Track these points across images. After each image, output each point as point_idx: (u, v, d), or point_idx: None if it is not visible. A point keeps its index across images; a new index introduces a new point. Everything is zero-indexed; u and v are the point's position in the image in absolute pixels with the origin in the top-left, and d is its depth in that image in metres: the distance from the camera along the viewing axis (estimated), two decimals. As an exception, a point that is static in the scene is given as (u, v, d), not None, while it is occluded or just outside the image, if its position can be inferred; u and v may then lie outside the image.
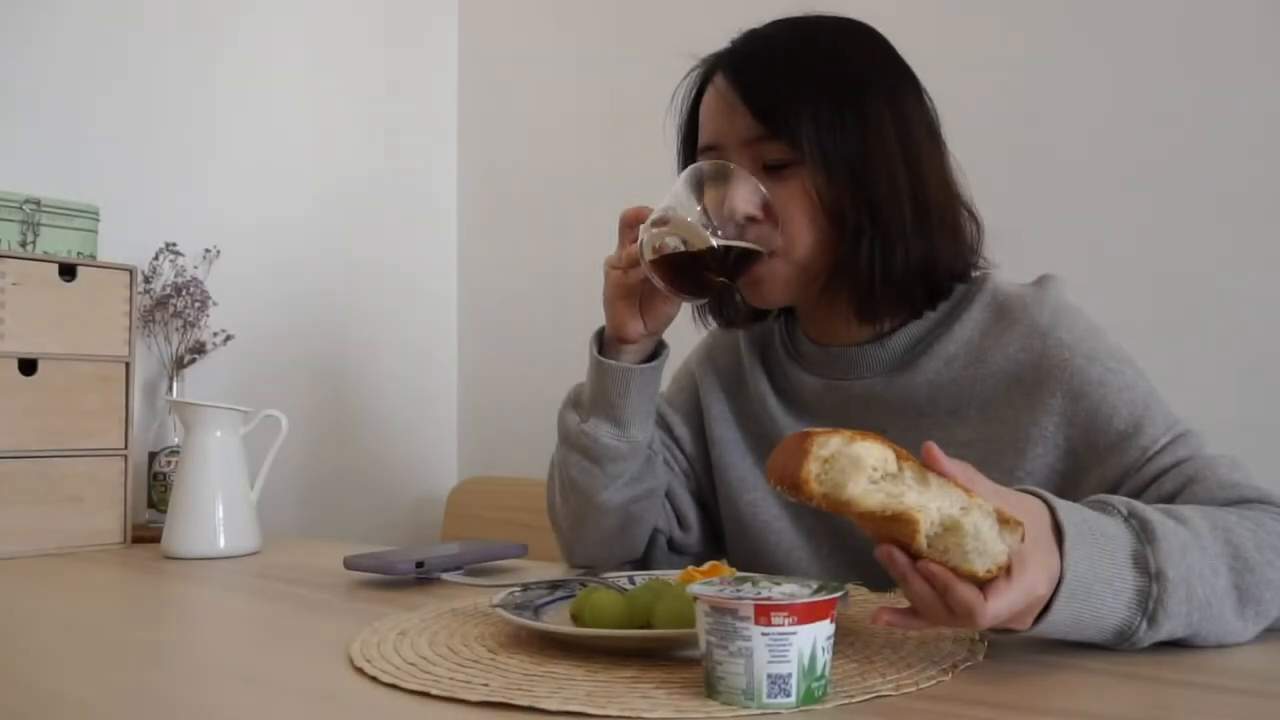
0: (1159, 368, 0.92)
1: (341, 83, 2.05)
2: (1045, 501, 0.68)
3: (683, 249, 0.88)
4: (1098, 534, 0.67)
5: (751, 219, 0.91)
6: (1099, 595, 0.66)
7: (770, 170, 0.92)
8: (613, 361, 0.99)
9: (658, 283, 0.90)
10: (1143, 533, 0.69)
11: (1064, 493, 0.75)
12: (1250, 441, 1.30)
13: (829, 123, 0.90)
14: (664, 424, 1.12)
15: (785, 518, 1.03)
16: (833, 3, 0.99)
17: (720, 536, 1.12)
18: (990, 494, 0.63)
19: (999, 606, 0.61)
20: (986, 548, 0.59)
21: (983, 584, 0.61)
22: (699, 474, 1.12)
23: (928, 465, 0.61)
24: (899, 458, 0.61)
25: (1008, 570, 0.61)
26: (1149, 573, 0.67)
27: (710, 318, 1.08)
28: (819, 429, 0.62)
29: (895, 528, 0.60)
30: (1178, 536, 0.69)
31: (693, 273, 0.90)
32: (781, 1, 1.02)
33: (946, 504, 0.60)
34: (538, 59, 2.17)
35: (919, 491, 0.60)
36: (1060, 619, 0.65)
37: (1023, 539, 0.60)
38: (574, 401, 1.05)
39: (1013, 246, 1.00)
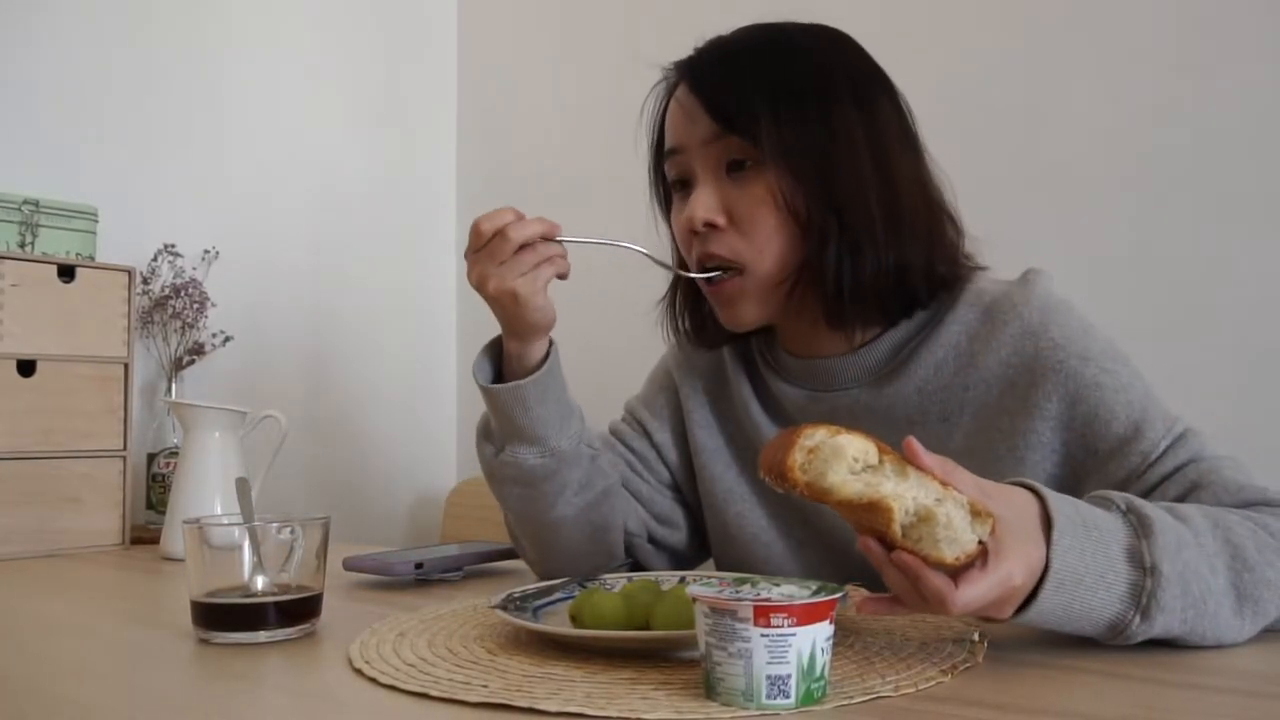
0: (1158, 369, 0.91)
1: (340, 84, 2.05)
2: (1037, 493, 0.67)
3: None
4: (1090, 526, 0.67)
5: (712, 225, 0.90)
6: (1090, 587, 0.66)
7: (733, 172, 0.91)
8: (500, 386, 0.93)
9: None
10: (1140, 527, 0.68)
11: None
12: (1251, 442, 1.30)
13: (790, 120, 0.88)
14: (643, 430, 1.10)
15: (773, 530, 1.01)
16: (839, 3, 0.99)
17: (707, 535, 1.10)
18: (970, 487, 0.63)
19: (969, 595, 0.62)
20: (957, 536, 0.61)
21: (957, 573, 0.62)
22: (681, 481, 1.09)
23: (908, 459, 0.63)
24: (881, 451, 0.62)
25: (983, 560, 0.62)
26: (1144, 567, 0.67)
27: (687, 339, 1.05)
28: (810, 424, 0.63)
29: (872, 517, 0.61)
30: (1175, 533, 0.69)
31: None
32: (782, 1, 1.02)
33: (922, 495, 0.61)
34: (537, 59, 2.17)
35: (896, 482, 0.61)
36: (1048, 608, 0.65)
37: (993, 530, 0.62)
38: (484, 433, 0.99)
39: (1011, 249, 1.00)
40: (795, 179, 0.88)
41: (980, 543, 0.61)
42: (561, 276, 0.92)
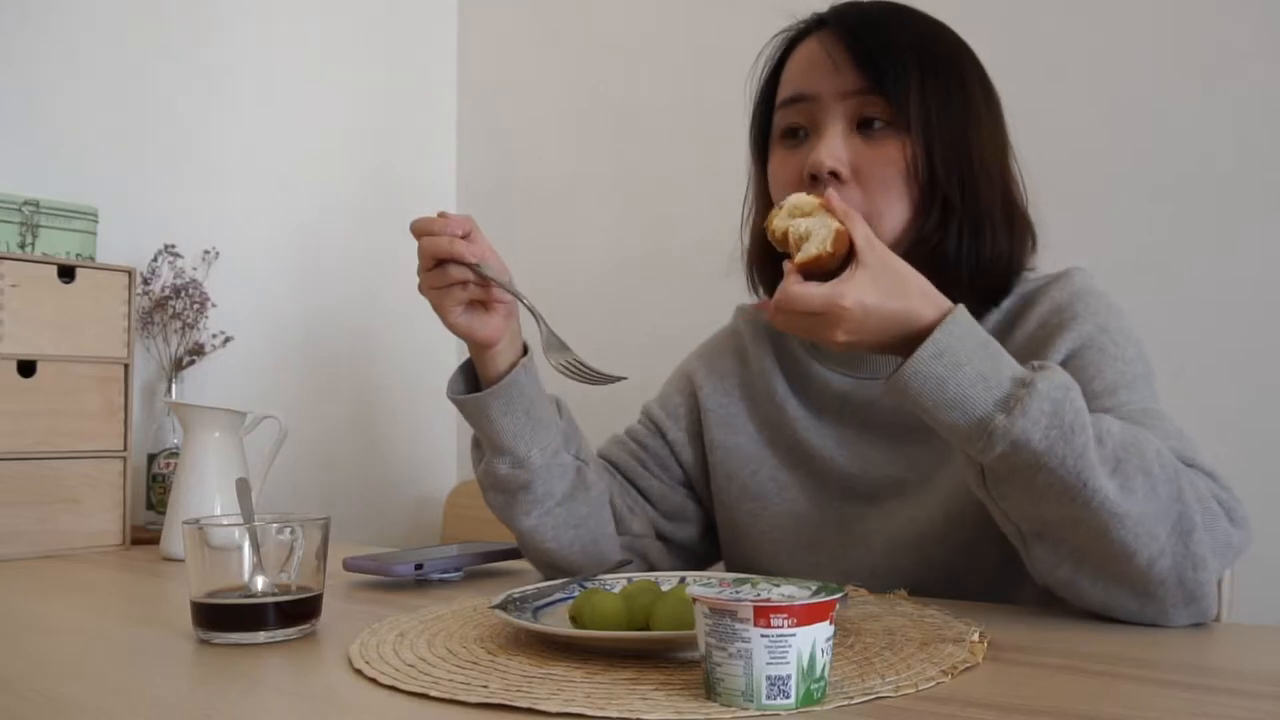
0: (1162, 370, 0.91)
1: (341, 83, 2.05)
2: (957, 305, 0.73)
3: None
4: (993, 347, 0.72)
5: (835, 175, 0.88)
6: (969, 380, 0.70)
7: (864, 130, 0.90)
8: (463, 397, 0.95)
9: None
10: (1038, 368, 0.72)
11: None
12: (1252, 443, 1.30)
13: (934, 90, 0.89)
14: (657, 429, 1.11)
15: (785, 527, 1.01)
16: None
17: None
18: (860, 232, 0.73)
19: (797, 289, 0.72)
20: (810, 249, 0.75)
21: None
22: (695, 479, 1.10)
23: (825, 205, 0.76)
24: (820, 205, 0.76)
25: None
26: (1024, 385, 0.70)
27: (761, 290, 1.05)
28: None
29: (786, 244, 0.77)
30: (1071, 386, 0.71)
31: None
32: (785, 2, 1.02)
33: (815, 225, 0.75)
34: (538, 59, 2.17)
35: (808, 221, 0.76)
36: (924, 373, 0.70)
37: (848, 254, 0.73)
38: (475, 441, 1.01)
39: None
40: (929, 149, 0.89)
41: (826, 253, 0.73)
42: (483, 303, 0.93)
